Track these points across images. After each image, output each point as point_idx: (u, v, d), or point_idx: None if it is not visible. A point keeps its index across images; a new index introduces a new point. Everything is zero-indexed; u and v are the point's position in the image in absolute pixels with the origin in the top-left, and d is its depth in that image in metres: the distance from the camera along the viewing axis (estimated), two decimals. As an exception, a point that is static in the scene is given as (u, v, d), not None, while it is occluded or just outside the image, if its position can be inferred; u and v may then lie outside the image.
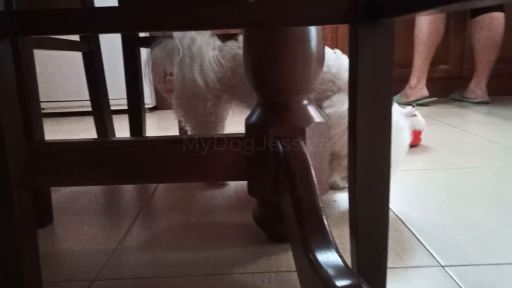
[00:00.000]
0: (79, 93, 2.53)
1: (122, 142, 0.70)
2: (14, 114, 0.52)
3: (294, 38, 0.61)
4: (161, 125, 2.09)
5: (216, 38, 0.95)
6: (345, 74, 0.86)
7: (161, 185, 1.06)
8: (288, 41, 0.61)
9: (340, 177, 0.94)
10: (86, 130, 2.01)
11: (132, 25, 0.47)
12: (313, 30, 0.63)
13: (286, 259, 0.65)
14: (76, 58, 2.49)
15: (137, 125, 1.26)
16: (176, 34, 0.93)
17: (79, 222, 0.83)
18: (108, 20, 0.48)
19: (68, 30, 0.48)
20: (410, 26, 2.46)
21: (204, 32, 0.94)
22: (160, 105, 2.75)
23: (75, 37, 1.12)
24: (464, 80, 2.58)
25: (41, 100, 0.74)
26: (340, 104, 0.83)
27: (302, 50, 0.62)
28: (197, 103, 0.97)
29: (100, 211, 0.89)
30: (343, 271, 0.43)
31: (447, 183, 0.99)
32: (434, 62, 2.50)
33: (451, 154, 1.27)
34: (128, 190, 1.04)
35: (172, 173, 0.67)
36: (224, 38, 0.99)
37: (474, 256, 0.63)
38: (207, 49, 0.91)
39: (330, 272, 0.43)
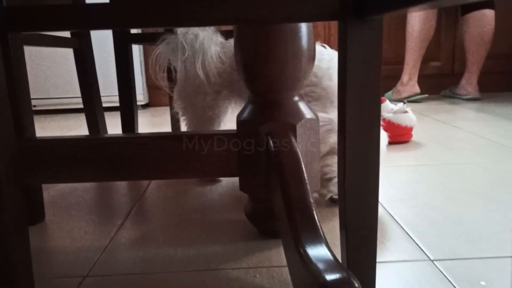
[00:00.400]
0: (70, 90, 2.52)
1: (114, 138, 0.70)
2: (4, 111, 0.52)
3: (285, 34, 0.61)
4: (153, 122, 2.08)
5: (219, 34, 0.96)
6: (326, 82, 0.85)
7: (153, 182, 1.06)
8: (279, 37, 0.61)
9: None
10: (77, 128, 2.00)
11: (123, 22, 0.47)
12: (304, 27, 0.63)
13: (277, 254, 0.65)
14: (68, 55, 2.47)
15: (129, 122, 1.26)
16: (180, 30, 0.94)
17: (71, 219, 0.83)
18: (99, 17, 0.48)
19: (59, 27, 0.48)
20: (402, 24, 2.47)
21: (207, 28, 0.95)
22: (153, 102, 2.75)
23: (66, 34, 1.12)
24: (455, 77, 2.60)
25: (32, 97, 0.73)
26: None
27: (293, 47, 0.62)
28: (197, 97, 0.98)
29: (92, 208, 0.89)
30: (333, 265, 0.44)
31: (437, 179, 1.00)
32: (426, 59, 2.52)
33: (442, 150, 1.28)
34: (120, 187, 1.04)
35: (163, 170, 0.67)
36: (227, 35, 1.00)
37: (463, 250, 0.64)
38: (209, 45, 0.91)
39: (320, 266, 0.44)
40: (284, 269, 0.61)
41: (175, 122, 1.51)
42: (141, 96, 2.56)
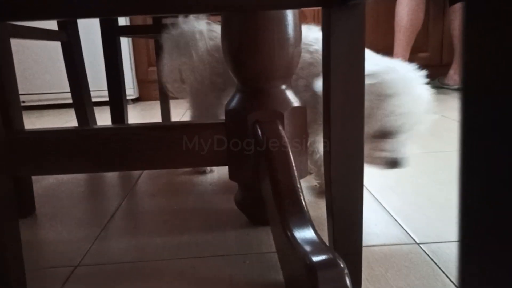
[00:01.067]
0: (59, 85, 2.50)
1: (103, 129, 0.70)
2: (-9, 102, 0.52)
3: (271, 23, 0.62)
4: (144, 117, 2.08)
5: (212, 25, 0.92)
6: None
7: (144, 173, 1.07)
8: (265, 26, 0.62)
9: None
10: (67, 123, 2.00)
11: (108, 9, 0.47)
12: (289, 16, 0.63)
13: (266, 241, 0.66)
14: (56, 48, 2.45)
15: (119, 117, 1.26)
16: (169, 31, 0.91)
17: (62, 211, 0.83)
18: (85, 4, 0.48)
19: (43, 15, 0.48)
20: (391, 15, 2.48)
21: (200, 21, 0.91)
22: (143, 96, 2.74)
23: (54, 26, 1.11)
24: (444, 67, 2.62)
25: (21, 92, 0.73)
26: None
27: (279, 35, 0.62)
28: (198, 96, 0.96)
29: (83, 200, 0.90)
30: (319, 247, 0.45)
31: (425, 167, 1.01)
32: (414, 50, 2.53)
33: (430, 138, 1.30)
34: (111, 178, 1.04)
35: (153, 160, 0.67)
36: None
37: (448, 234, 0.66)
38: (196, 45, 0.88)
39: (307, 248, 0.44)
40: (273, 255, 0.62)
41: (165, 116, 1.51)
42: (131, 90, 2.55)
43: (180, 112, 2.06)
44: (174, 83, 0.97)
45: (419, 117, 0.72)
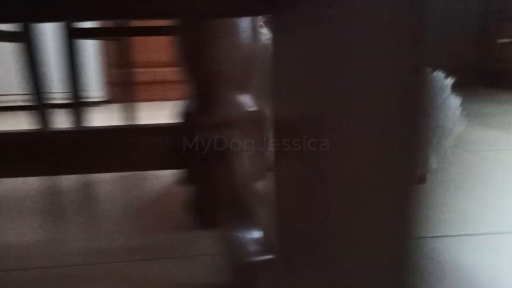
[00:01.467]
0: (17, 86, 2.43)
1: (58, 132, 0.69)
2: None
3: (223, 29, 0.63)
4: (111, 119, 2.05)
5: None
6: None
7: (100, 176, 1.06)
8: (217, 32, 0.63)
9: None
10: (24, 126, 1.95)
11: (59, 15, 0.47)
12: (244, 22, 0.65)
13: (215, 243, 0.67)
14: (7, 49, 2.39)
15: (77, 119, 1.24)
16: None
17: (13, 216, 0.82)
18: (41, 9, 0.48)
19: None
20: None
21: None
22: (114, 98, 2.69)
23: (11, 28, 1.09)
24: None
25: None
26: None
27: (232, 41, 0.64)
28: None
29: (37, 203, 0.88)
30: (259, 248, 0.46)
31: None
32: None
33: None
34: (67, 181, 1.03)
35: (108, 163, 0.67)
36: None
37: (432, 229, 0.68)
38: None
39: (248, 249, 0.46)
40: (221, 257, 0.63)
41: (131, 118, 1.50)
42: (97, 92, 2.51)
43: (148, 115, 2.05)
44: None
45: (449, 130, 0.64)
